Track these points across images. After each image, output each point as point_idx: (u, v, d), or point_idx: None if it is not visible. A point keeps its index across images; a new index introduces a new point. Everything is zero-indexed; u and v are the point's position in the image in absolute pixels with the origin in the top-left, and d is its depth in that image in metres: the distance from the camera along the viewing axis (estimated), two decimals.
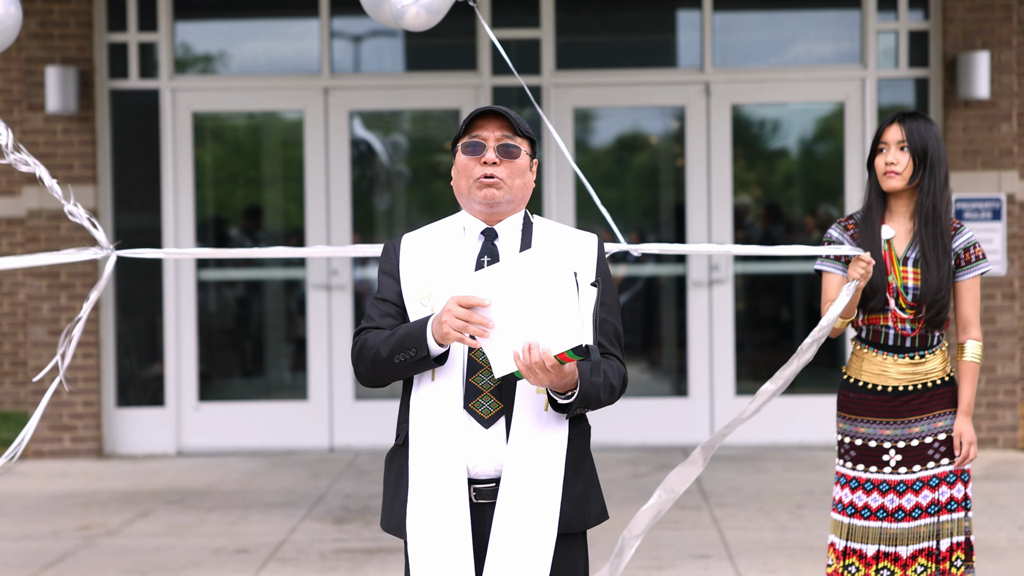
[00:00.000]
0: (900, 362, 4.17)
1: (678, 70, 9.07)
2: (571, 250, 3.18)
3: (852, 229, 4.25)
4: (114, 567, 6.12)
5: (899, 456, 4.17)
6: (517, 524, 3.01)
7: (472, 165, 3.14)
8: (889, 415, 4.18)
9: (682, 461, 4.15)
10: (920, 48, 8.81)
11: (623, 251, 4.31)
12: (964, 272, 4.21)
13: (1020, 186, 8.82)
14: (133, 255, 4.16)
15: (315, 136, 8.94)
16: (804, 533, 6.51)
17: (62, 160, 8.66)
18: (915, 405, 4.17)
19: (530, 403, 3.04)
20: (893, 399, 4.18)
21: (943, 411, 4.19)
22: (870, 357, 4.21)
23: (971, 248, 4.21)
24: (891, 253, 4.18)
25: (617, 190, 9.54)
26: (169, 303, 8.87)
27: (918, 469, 4.16)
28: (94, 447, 8.78)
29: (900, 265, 4.17)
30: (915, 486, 4.16)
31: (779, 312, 9.50)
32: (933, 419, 4.18)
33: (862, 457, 4.21)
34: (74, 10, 8.67)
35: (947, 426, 4.18)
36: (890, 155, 4.17)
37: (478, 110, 3.16)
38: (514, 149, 3.14)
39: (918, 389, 4.18)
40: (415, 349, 3.01)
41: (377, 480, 7.88)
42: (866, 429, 4.21)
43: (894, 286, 4.15)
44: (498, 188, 3.13)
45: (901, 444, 4.17)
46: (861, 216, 4.25)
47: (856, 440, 4.22)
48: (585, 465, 3.15)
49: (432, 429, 3.05)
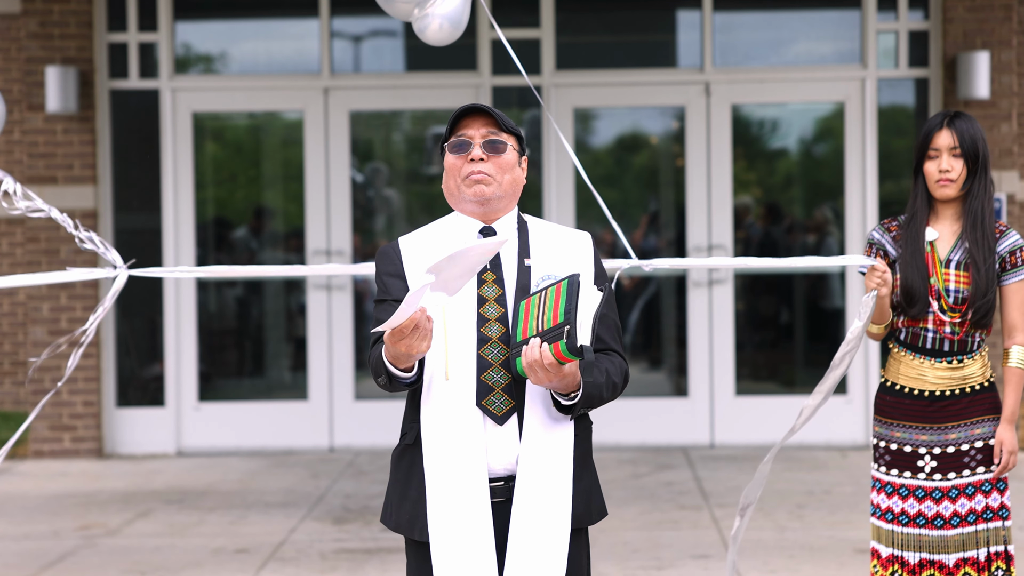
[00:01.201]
0: (938, 366, 4.08)
1: (678, 70, 9.07)
2: (566, 249, 3.19)
3: (895, 231, 4.17)
4: (114, 567, 6.12)
5: (934, 463, 4.08)
6: (534, 520, 3.03)
7: (459, 164, 3.14)
8: (925, 420, 4.09)
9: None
10: (920, 48, 8.81)
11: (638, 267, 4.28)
12: (1010, 276, 4.10)
13: (1020, 186, 8.82)
14: (144, 274, 4.15)
15: (315, 136, 8.94)
16: (804, 533, 6.51)
17: (62, 160, 8.66)
18: (953, 411, 4.08)
19: (541, 400, 3.05)
20: (930, 404, 4.09)
21: (981, 418, 4.09)
22: (907, 360, 4.12)
23: (1017, 252, 4.10)
24: (934, 256, 4.10)
25: (617, 190, 9.54)
26: (169, 303, 8.87)
27: (953, 477, 4.07)
28: (94, 447, 8.78)
29: (943, 267, 4.09)
30: (951, 494, 4.07)
31: (779, 312, 9.50)
32: (971, 426, 4.09)
33: (896, 462, 4.12)
34: (74, 10, 8.67)
35: (984, 433, 4.08)
36: (943, 162, 4.07)
37: (461, 109, 3.15)
38: (500, 144, 3.14)
39: (956, 395, 4.08)
40: (383, 376, 3.03)
41: (377, 480, 7.87)
42: (901, 434, 4.12)
43: (936, 288, 4.07)
44: (487, 184, 3.12)
45: (937, 450, 4.08)
46: (906, 220, 4.16)
47: (892, 445, 4.13)
48: (589, 461, 3.17)
49: (447, 428, 3.05)
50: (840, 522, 6.66)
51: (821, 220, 9.20)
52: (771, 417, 8.85)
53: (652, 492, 7.54)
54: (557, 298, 2.91)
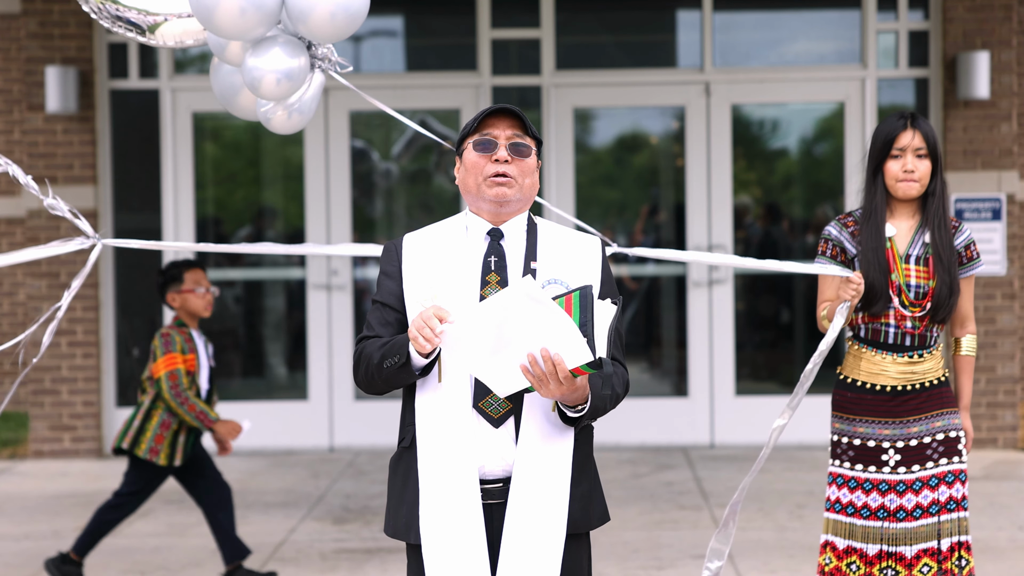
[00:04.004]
0: (899, 361, 4.16)
1: (678, 70, 9.07)
2: (575, 253, 3.18)
3: (852, 227, 4.22)
4: (114, 567, 6.12)
5: (898, 456, 4.16)
6: (528, 524, 3.02)
7: (483, 163, 3.13)
8: (887, 415, 4.17)
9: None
10: (920, 48, 8.81)
11: (622, 253, 4.32)
12: (964, 270, 4.22)
13: (1020, 186, 8.82)
14: (118, 244, 4.22)
15: (315, 136, 8.93)
16: (804, 533, 6.51)
17: (62, 160, 8.66)
18: (913, 405, 4.17)
19: (539, 403, 3.04)
20: (891, 399, 4.17)
21: (940, 411, 4.18)
22: (868, 356, 4.19)
23: (971, 246, 4.22)
24: (893, 251, 4.16)
25: (617, 190, 9.55)
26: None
27: (917, 469, 4.15)
28: (94, 447, 8.78)
29: (903, 263, 4.15)
30: (915, 486, 4.15)
31: (779, 312, 9.50)
32: (931, 419, 4.17)
33: (860, 457, 4.20)
34: (74, 10, 8.66)
35: (945, 426, 4.18)
36: (908, 162, 4.12)
37: (490, 108, 3.14)
38: (525, 148, 3.14)
39: (915, 389, 4.17)
40: (399, 355, 3.01)
41: (377, 480, 7.87)
42: (865, 429, 4.19)
43: (897, 284, 4.13)
44: (509, 187, 3.12)
45: (900, 444, 4.16)
46: (863, 216, 4.21)
47: (855, 440, 4.21)
48: (589, 466, 3.16)
49: (441, 430, 3.04)
50: None
51: (822, 220, 9.20)
52: (771, 417, 8.80)
53: (652, 492, 7.54)
54: (568, 309, 2.88)
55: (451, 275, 3.12)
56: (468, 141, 3.16)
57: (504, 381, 2.92)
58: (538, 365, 2.86)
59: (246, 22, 3.91)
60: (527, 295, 2.84)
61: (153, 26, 4.29)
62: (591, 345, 2.84)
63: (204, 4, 3.88)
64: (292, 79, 4.08)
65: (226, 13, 3.87)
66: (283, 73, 4.06)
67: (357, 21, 3.99)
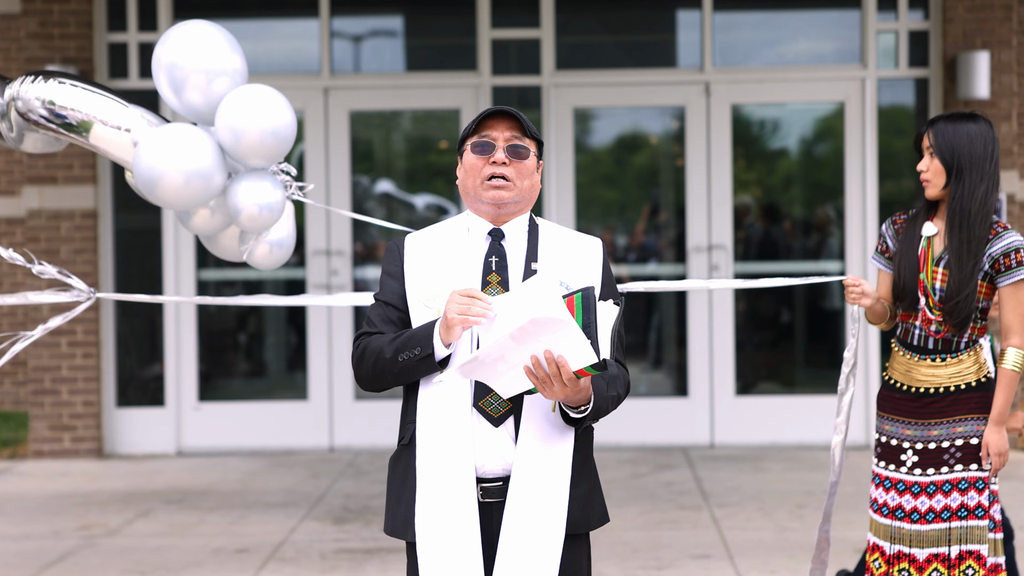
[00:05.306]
0: (923, 363, 4.14)
1: (678, 70, 9.07)
2: (576, 254, 3.18)
3: (899, 224, 4.24)
4: (114, 567, 6.12)
5: (915, 457, 4.14)
6: (526, 524, 3.02)
7: (481, 164, 3.14)
8: (910, 415, 4.16)
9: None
10: (920, 48, 8.81)
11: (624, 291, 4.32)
12: (1004, 278, 4.07)
13: (1020, 186, 8.82)
14: (113, 298, 4.43)
15: (315, 136, 8.94)
16: (804, 533, 6.51)
17: (62, 160, 8.66)
18: (936, 408, 4.13)
19: (539, 403, 3.04)
20: (916, 400, 4.16)
21: (965, 416, 4.12)
22: (900, 356, 4.21)
23: (1011, 253, 4.05)
24: (928, 252, 4.13)
25: (617, 190, 9.55)
26: (169, 303, 8.87)
27: (932, 472, 4.12)
28: (94, 447, 8.78)
29: (933, 265, 4.12)
30: (928, 489, 4.12)
31: (779, 312, 9.50)
32: (953, 424, 4.12)
33: (884, 454, 4.22)
34: (74, 10, 8.67)
35: (966, 432, 4.11)
36: (921, 162, 4.15)
37: (488, 110, 3.15)
38: (523, 150, 3.15)
39: (940, 393, 4.12)
40: (420, 347, 3.01)
41: (377, 480, 7.88)
42: (890, 427, 4.21)
43: (924, 285, 4.11)
44: (507, 189, 3.13)
45: (919, 445, 4.14)
46: (912, 214, 4.23)
47: (883, 437, 4.23)
48: (589, 466, 3.16)
49: (441, 428, 3.04)
50: (840, 522, 6.65)
51: (822, 220, 9.20)
52: (771, 417, 8.86)
53: (652, 492, 7.54)
54: (571, 310, 2.89)
55: (452, 275, 3.12)
56: (467, 143, 3.18)
57: (507, 382, 2.92)
58: (542, 367, 2.86)
59: (191, 193, 4.27)
60: (550, 286, 2.84)
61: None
62: (595, 347, 2.84)
63: (149, 177, 4.30)
64: (273, 210, 4.48)
65: (170, 185, 4.27)
66: (264, 205, 4.45)
67: (287, 143, 4.41)
